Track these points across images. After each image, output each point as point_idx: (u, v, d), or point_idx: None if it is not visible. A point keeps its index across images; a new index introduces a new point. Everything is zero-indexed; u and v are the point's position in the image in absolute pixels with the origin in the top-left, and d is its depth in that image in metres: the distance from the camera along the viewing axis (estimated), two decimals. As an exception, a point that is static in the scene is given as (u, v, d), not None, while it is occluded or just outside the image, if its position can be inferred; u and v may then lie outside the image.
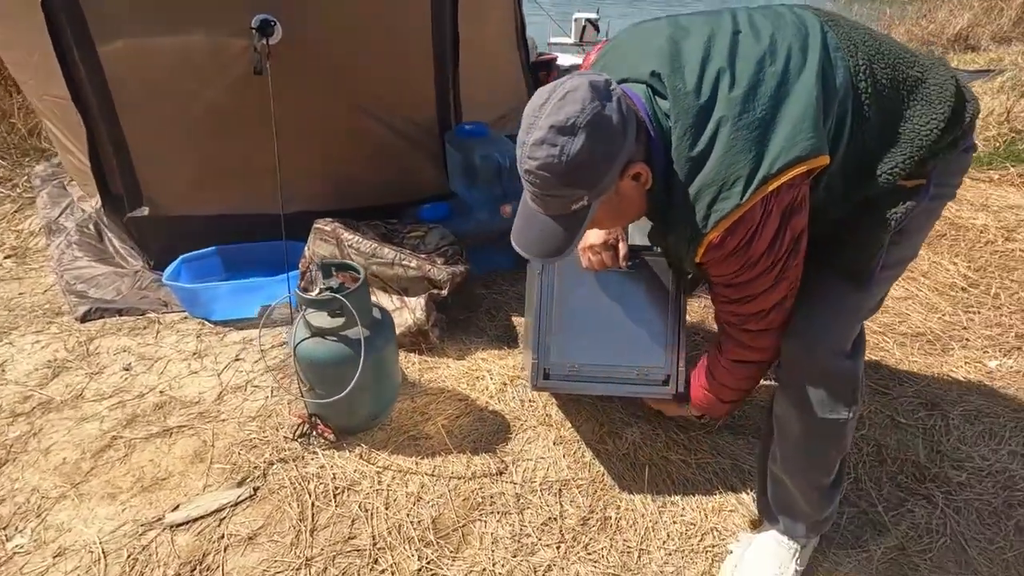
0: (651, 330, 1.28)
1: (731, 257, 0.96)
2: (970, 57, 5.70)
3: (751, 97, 0.89)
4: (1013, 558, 1.27)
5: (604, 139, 0.88)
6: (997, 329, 1.99)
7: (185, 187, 2.16)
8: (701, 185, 0.91)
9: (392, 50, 2.09)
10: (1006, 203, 2.92)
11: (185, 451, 1.53)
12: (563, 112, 0.87)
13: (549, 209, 0.95)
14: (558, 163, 0.87)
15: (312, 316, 1.43)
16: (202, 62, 1.91)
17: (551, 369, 1.31)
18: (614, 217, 1.05)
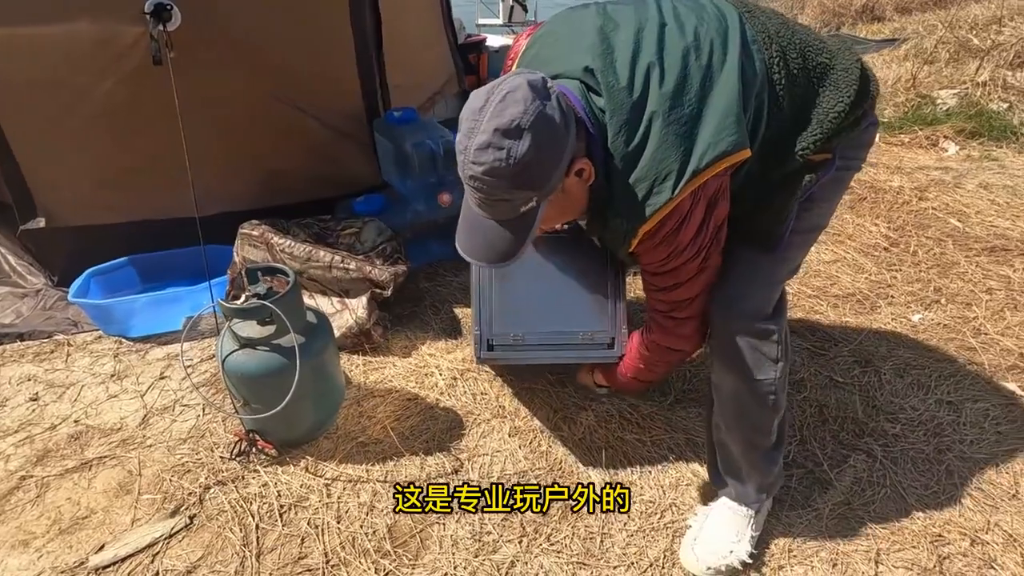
0: (593, 295, 1.26)
1: (661, 245, 1.00)
2: (876, 27, 6.02)
3: (680, 92, 0.93)
4: (946, 500, 1.34)
5: (549, 138, 0.88)
6: (917, 284, 2.10)
7: (86, 193, 1.96)
8: (636, 179, 0.94)
9: (308, 35, 1.95)
10: (917, 164, 3.10)
11: (108, 484, 1.40)
12: (506, 114, 0.86)
13: (497, 213, 0.95)
14: (506, 166, 0.87)
15: (239, 326, 1.33)
16: (92, 53, 1.72)
17: (494, 340, 1.28)
18: (560, 214, 1.06)
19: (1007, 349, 1.79)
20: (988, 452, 1.46)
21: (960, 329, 1.88)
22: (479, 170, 0.88)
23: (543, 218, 0.96)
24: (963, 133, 3.43)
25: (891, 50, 4.83)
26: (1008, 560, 1.22)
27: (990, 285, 2.08)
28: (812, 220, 1.12)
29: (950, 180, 2.86)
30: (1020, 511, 1.32)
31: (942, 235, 2.40)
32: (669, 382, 1.68)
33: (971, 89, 3.75)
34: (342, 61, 2.06)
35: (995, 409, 1.57)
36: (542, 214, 0.95)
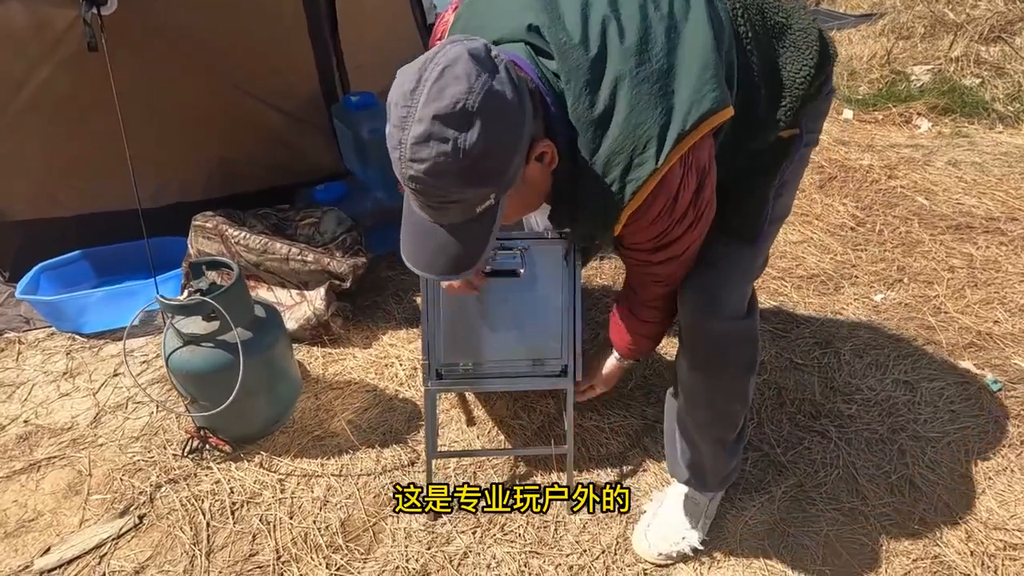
0: (545, 321, 1.20)
1: (655, 223, 0.87)
2: (856, 1, 5.96)
3: (644, 46, 0.79)
4: (896, 480, 1.36)
5: (503, 120, 0.71)
6: (881, 264, 2.11)
7: (31, 187, 1.90)
8: (610, 153, 0.79)
9: (257, 16, 1.88)
10: (888, 142, 3.09)
11: (56, 485, 1.37)
12: (446, 95, 0.68)
13: (447, 218, 0.77)
14: (453, 161, 0.69)
15: (182, 323, 1.30)
16: (25, 39, 1.64)
17: (443, 370, 1.22)
18: (520, 208, 0.90)
19: (965, 327, 1.80)
20: (941, 431, 1.47)
21: (920, 308, 1.88)
22: (420, 169, 0.70)
23: (507, 214, 0.82)
24: (936, 110, 3.42)
25: (868, 25, 4.80)
26: (953, 537, 1.23)
27: (953, 263, 2.09)
28: (783, 204, 1.08)
29: (920, 158, 2.86)
30: (968, 489, 1.33)
31: (909, 213, 2.40)
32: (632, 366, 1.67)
33: (945, 65, 3.74)
34: (295, 43, 1.99)
35: (950, 388, 1.59)
36: (502, 211, 0.79)
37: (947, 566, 1.19)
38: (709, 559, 1.21)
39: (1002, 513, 1.28)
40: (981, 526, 1.25)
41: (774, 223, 1.08)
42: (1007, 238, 2.21)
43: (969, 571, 1.17)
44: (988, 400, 1.55)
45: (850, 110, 3.52)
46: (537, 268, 1.19)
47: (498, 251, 1.15)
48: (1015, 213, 2.37)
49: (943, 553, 1.21)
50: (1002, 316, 1.84)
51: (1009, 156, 2.85)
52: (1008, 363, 1.67)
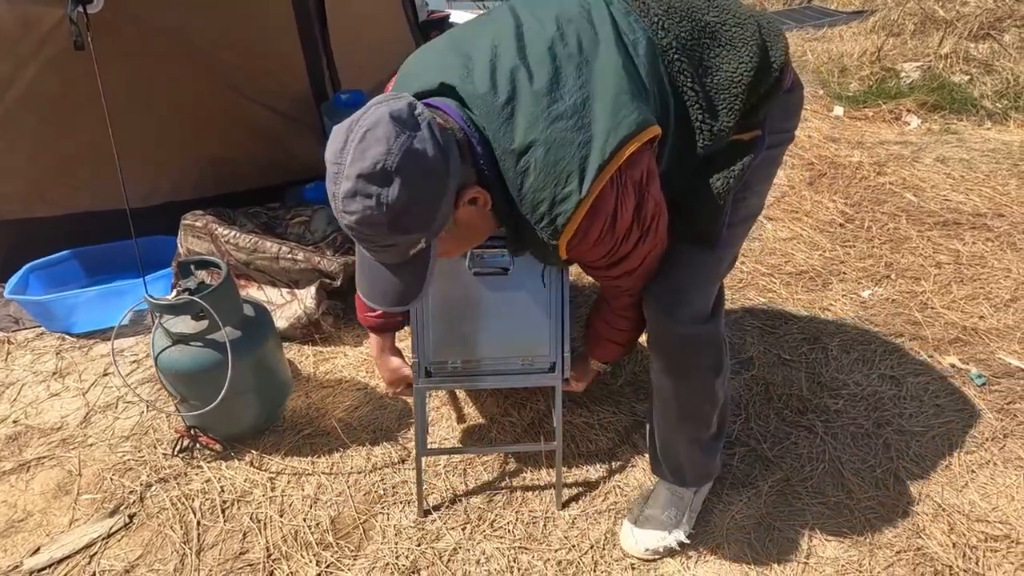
0: (533, 319, 1.20)
1: (597, 245, 0.91)
2: (847, -1, 5.98)
3: (555, 86, 0.83)
4: (881, 474, 1.37)
5: (423, 176, 0.77)
6: (869, 260, 2.13)
7: (20, 186, 1.89)
8: (534, 191, 0.84)
9: (246, 14, 1.88)
10: (878, 139, 3.11)
11: (46, 485, 1.37)
12: (368, 156, 0.74)
13: (388, 258, 0.85)
14: (379, 215, 0.76)
15: (171, 322, 1.30)
16: (12, 38, 1.64)
17: (432, 368, 1.23)
18: (461, 244, 0.97)
19: (951, 323, 1.82)
20: (925, 425, 1.49)
21: (907, 304, 1.90)
22: (352, 220, 0.77)
23: (444, 251, 0.89)
24: (925, 106, 3.44)
25: (859, 22, 4.82)
26: (935, 530, 1.25)
27: (940, 259, 2.11)
28: (748, 209, 1.08)
29: (909, 154, 2.88)
30: (951, 482, 1.35)
31: (897, 210, 2.42)
32: (618, 364, 1.69)
33: (934, 62, 3.76)
34: (284, 41, 1.99)
35: (935, 383, 1.61)
36: (435, 252, 0.86)
37: (929, 558, 1.20)
38: (696, 553, 1.22)
39: (984, 506, 1.30)
40: (963, 518, 1.27)
41: (740, 225, 1.09)
42: (993, 234, 2.23)
43: (951, 563, 1.19)
44: (972, 394, 1.57)
45: (840, 107, 3.53)
46: (525, 266, 1.19)
47: (487, 250, 1.15)
48: (1001, 209, 2.39)
49: (926, 545, 1.23)
50: (987, 311, 1.86)
51: (997, 153, 2.88)
52: (992, 358, 1.69)
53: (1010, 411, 1.52)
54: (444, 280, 1.18)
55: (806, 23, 5.13)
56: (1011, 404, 1.54)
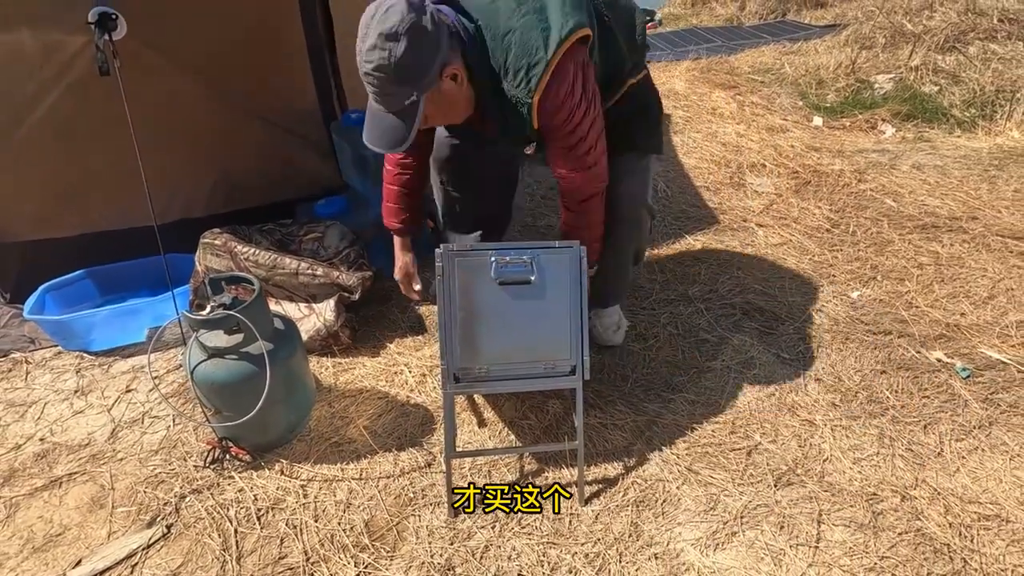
0: (555, 325, 1.29)
1: (563, 104, 1.23)
2: (820, 13, 6.23)
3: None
4: (879, 461, 1.46)
5: (421, 43, 1.10)
6: (856, 263, 2.25)
7: (36, 207, 1.92)
8: (515, 59, 1.19)
9: (260, 40, 1.94)
10: (857, 148, 3.27)
11: (80, 500, 1.40)
12: (388, 22, 1.08)
13: (389, 106, 1.16)
14: (388, 64, 1.09)
15: (206, 337, 1.34)
16: (36, 64, 1.68)
17: (460, 374, 1.30)
18: (444, 113, 1.27)
19: (935, 320, 1.94)
20: (918, 415, 1.59)
21: (894, 303, 2.02)
22: (369, 67, 1.11)
23: (429, 115, 1.20)
24: (899, 116, 3.62)
25: (832, 36, 5.03)
26: (933, 512, 1.35)
27: (921, 261, 2.24)
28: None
29: (886, 162, 3.03)
30: (944, 467, 1.45)
31: (879, 215, 2.55)
32: (629, 367, 1.77)
33: (905, 73, 3.96)
34: (295, 64, 2.06)
35: (924, 376, 1.72)
36: (423, 107, 1.17)
37: (929, 538, 1.30)
38: (713, 542, 1.30)
39: (975, 488, 1.40)
40: (957, 501, 1.37)
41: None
42: (969, 236, 2.37)
43: (948, 541, 1.29)
44: (959, 386, 1.68)
45: (819, 117, 3.70)
46: (546, 275, 1.27)
47: (510, 261, 1.24)
48: (975, 212, 2.54)
49: (924, 526, 1.32)
50: (967, 309, 1.99)
51: (968, 159, 3.04)
52: (975, 352, 1.80)
53: (994, 401, 1.63)
54: (470, 290, 1.26)
55: (781, 37, 5.34)
56: (994, 394, 1.65)
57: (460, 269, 1.24)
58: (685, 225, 2.52)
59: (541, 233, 2.49)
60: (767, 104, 3.85)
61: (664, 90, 4.17)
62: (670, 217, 2.59)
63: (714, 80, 4.26)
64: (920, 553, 1.27)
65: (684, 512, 1.36)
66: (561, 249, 1.28)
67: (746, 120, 3.60)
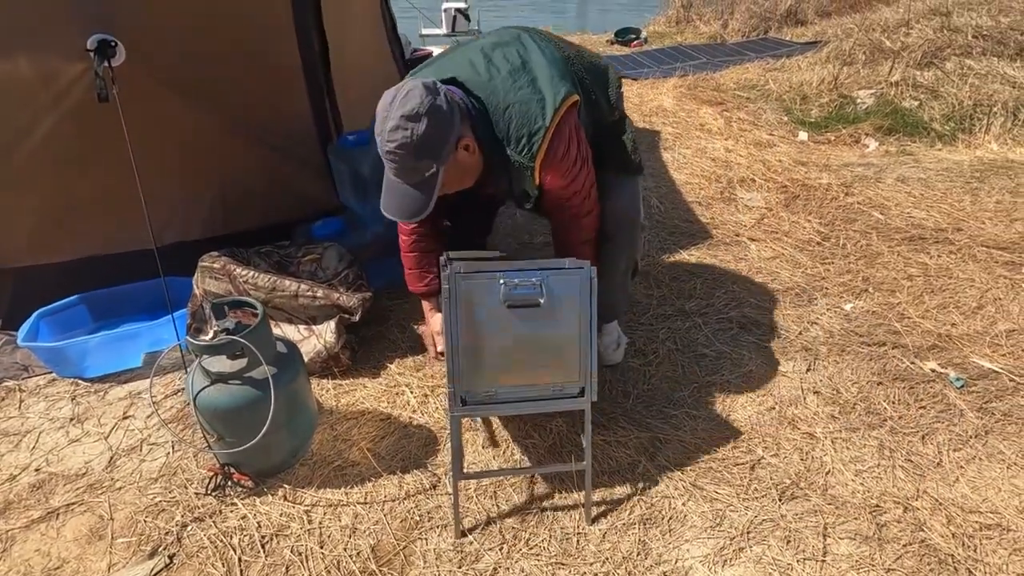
0: (563, 347, 1.28)
1: (562, 162, 1.37)
2: (800, 31, 6.39)
3: (513, 73, 1.36)
4: (880, 473, 1.48)
5: (439, 121, 1.23)
6: (848, 275, 2.29)
7: (30, 234, 1.90)
8: (516, 130, 1.33)
9: (256, 65, 1.96)
10: (842, 162, 3.34)
11: (78, 531, 1.37)
12: (408, 104, 1.21)
13: (409, 179, 1.27)
14: (410, 142, 1.21)
15: (209, 362, 1.34)
16: (32, 91, 1.68)
17: (467, 396, 1.29)
18: (459, 180, 1.38)
19: (927, 331, 1.97)
20: (915, 426, 1.62)
21: (886, 315, 2.06)
22: (392, 145, 1.22)
23: (445, 183, 1.30)
24: (881, 130, 3.72)
25: (814, 53, 5.16)
26: (935, 523, 1.36)
27: (911, 272, 2.28)
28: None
29: (872, 175, 3.10)
30: (944, 477, 1.47)
31: (867, 228, 2.61)
32: (630, 383, 1.78)
33: (886, 88, 4.06)
34: (291, 87, 2.07)
35: (919, 386, 1.74)
36: (442, 178, 1.28)
37: (933, 549, 1.31)
38: (721, 557, 1.30)
39: (975, 498, 1.42)
40: (959, 511, 1.39)
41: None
42: (955, 247, 2.43)
43: (952, 551, 1.30)
44: (954, 396, 1.71)
45: (804, 132, 3.78)
46: (555, 297, 1.27)
47: (518, 283, 1.24)
48: (960, 224, 2.60)
49: (928, 537, 1.33)
50: (958, 319, 2.03)
51: (950, 172, 3.12)
52: (967, 361, 1.84)
53: (988, 410, 1.66)
54: (478, 312, 1.25)
55: (764, 54, 5.46)
56: (988, 403, 1.68)
57: (467, 291, 1.24)
58: (679, 240, 2.56)
59: (537, 250, 2.51)
60: (753, 120, 3.93)
61: (653, 107, 4.24)
62: (664, 232, 2.62)
63: (701, 96, 4.34)
64: (926, 564, 1.28)
65: (691, 529, 1.36)
66: (571, 270, 1.28)
67: (734, 136, 3.67)
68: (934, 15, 4.99)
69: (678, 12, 7.27)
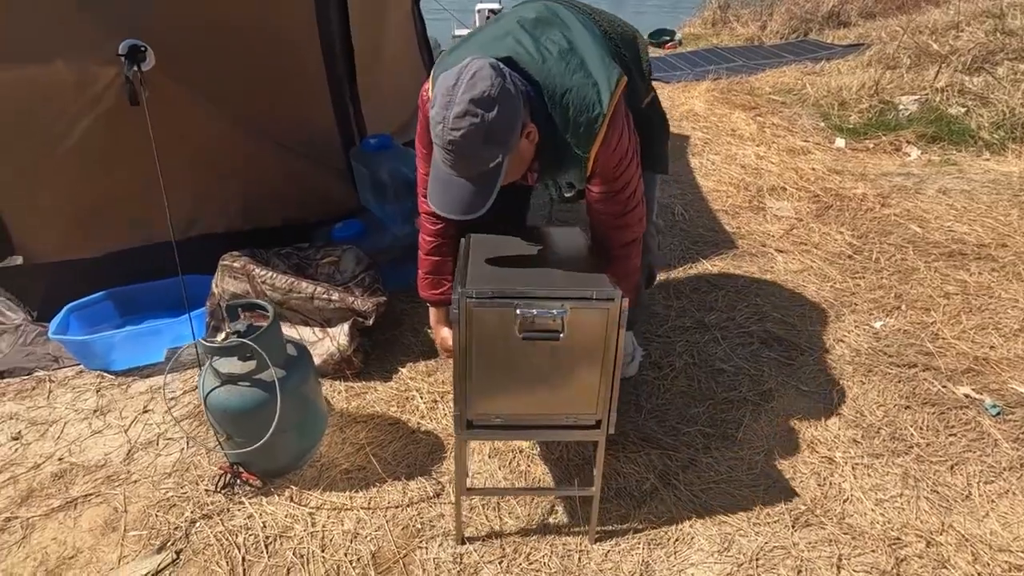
0: (584, 379, 1.18)
1: (615, 152, 1.26)
2: (842, 33, 6.19)
3: (564, 56, 1.23)
4: (902, 503, 1.41)
5: (511, 106, 1.11)
6: (879, 291, 2.19)
7: (64, 230, 1.98)
8: (575, 117, 1.21)
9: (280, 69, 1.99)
10: (881, 171, 3.21)
11: (94, 522, 1.42)
12: (478, 88, 1.07)
13: (469, 171, 1.13)
14: (480, 130, 1.07)
15: (220, 363, 1.36)
16: (69, 95, 1.74)
17: (476, 420, 1.22)
18: (517, 170, 1.29)
19: (963, 353, 1.87)
20: (943, 455, 1.53)
21: (919, 334, 1.96)
22: (457, 135, 1.07)
23: (506, 173, 1.17)
24: (924, 138, 3.56)
25: (856, 56, 4.98)
26: (960, 560, 1.29)
27: (948, 290, 2.17)
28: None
29: (911, 186, 2.97)
30: (972, 511, 1.39)
31: (903, 241, 2.49)
32: (643, 397, 1.74)
33: (931, 94, 3.89)
34: (315, 92, 2.10)
35: (950, 413, 1.65)
36: (506, 169, 1.15)
37: (956, 588, 1.24)
38: (728, 585, 1.26)
39: (1006, 535, 1.34)
40: (986, 548, 1.31)
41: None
42: (998, 264, 2.30)
43: (977, 592, 1.23)
44: (988, 424, 1.62)
45: (842, 139, 3.65)
46: (578, 330, 1.14)
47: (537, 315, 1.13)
48: (1005, 240, 2.47)
49: (951, 575, 1.26)
50: (997, 341, 1.92)
51: (997, 183, 2.96)
52: (1005, 387, 1.74)
53: (1025, 440, 1.56)
54: (490, 341, 1.15)
55: (803, 57, 5.30)
56: (1026, 433, 1.58)
57: (479, 319, 1.12)
58: (702, 250, 2.49)
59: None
60: (788, 125, 3.81)
61: (683, 111, 4.16)
62: (687, 241, 2.56)
63: (734, 101, 4.24)
64: (947, 604, 1.21)
65: (697, 552, 1.32)
66: (598, 302, 1.12)
67: (766, 142, 3.57)
68: (986, 17, 4.76)
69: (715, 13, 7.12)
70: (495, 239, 1.45)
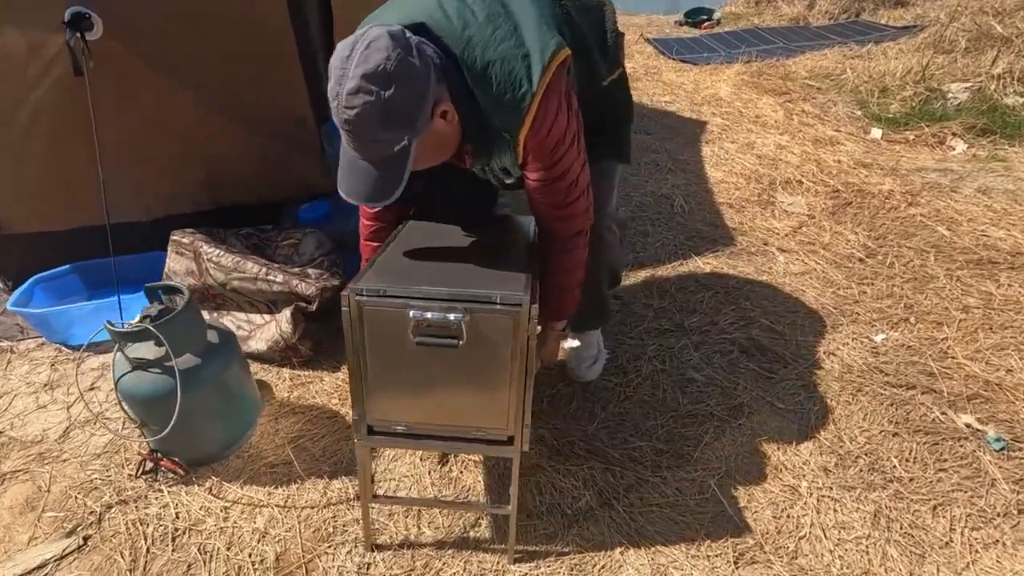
0: (490, 391, 1.07)
1: (550, 135, 1.11)
2: (899, 13, 5.69)
3: (492, 18, 1.07)
4: (868, 545, 1.24)
5: (412, 81, 0.96)
6: (888, 300, 1.97)
7: (31, 202, 1.97)
8: (498, 92, 1.05)
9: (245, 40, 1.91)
10: (915, 165, 2.91)
11: (16, 500, 1.41)
12: (371, 61, 0.93)
13: (372, 154, 1.00)
14: (375, 109, 0.94)
15: (133, 348, 1.31)
16: (22, 62, 1.71)
17: (376, 426, 1.13)
18: (435, 153, 1.13)
19: (972, 376, 1.65)
20: (927, 492, 1.35)
21: (924, 352, 1.74)
22: (351, 114, 0.95)
23: (417, 158, 1.03)
24: (973, 130, 3.21)
25: (908, 38, 4.56)
26: (923, 620, 1.12)
27: (967, 303, 1.93)
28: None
29: (947, 183, 2.67)
30: (949, 562, 1.21)
31: (926, 245, 2.24)
32: (599, 404, 1.61)
33: (985, 82, 3.50)
34: (284, 66, 2.01)
35: (944, 443, 1.46)
36: (415, 153, 1.01)
37: (914, 651, 1.07)
38: (650, 623, 1.13)
39: (987, 593, 1.16)
40: (960, 607, 1.14)
41: None
42: (1033, 276, 2.03)
43: (938, 660, 1.06)
44: (988, 460, 1.41)
45: (879, 129, 3.33)
46: (479, 338, 1.03)
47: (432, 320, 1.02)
48: (1046, 248, 2.18)
49: (911, 636, 1.10)
50: (1017, 364, 1.68)
51: (1048, 183, 2.64)
52: (1017, 418, 1.52)
53: (1030, 483, 1.36)
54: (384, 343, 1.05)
55: (850, 39, 4.90)
56: (1032, 475, 1.38)
57: (371, 318, 1.03)
58: (697, 246, 2.31)
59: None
60: (820, 113, 3.52)
61: (706, 95, 3.91)
62: (682, 236, 2.38)
63: (764, 85, 3.95)
64: (899, 670, 1.05)
65: (622, 583, 1.20)
66: (503, 309, 1.00)
67: (791, 130, 3.30)
68: (1064, -4, 4.25)
69: (759, -9, 6.67)
70: (430, 227, 1.34)
